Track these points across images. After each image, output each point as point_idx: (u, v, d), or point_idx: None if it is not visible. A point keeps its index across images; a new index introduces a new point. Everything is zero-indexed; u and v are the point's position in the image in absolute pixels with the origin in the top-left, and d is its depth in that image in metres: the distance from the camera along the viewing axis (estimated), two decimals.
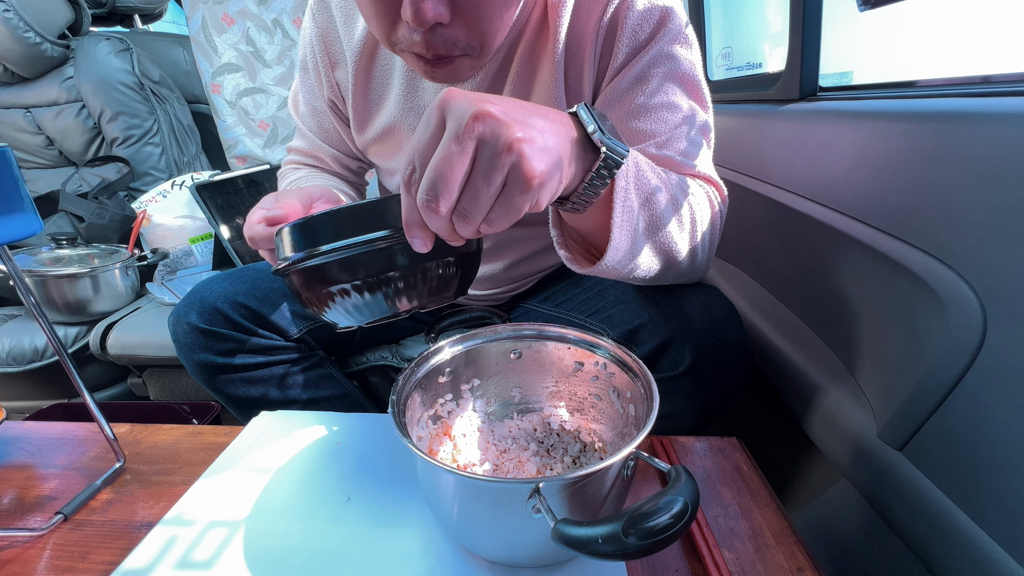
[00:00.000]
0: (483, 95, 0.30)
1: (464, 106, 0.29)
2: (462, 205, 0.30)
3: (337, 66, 0.64)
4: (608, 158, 0.35)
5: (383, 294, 0.37)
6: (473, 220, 0.31)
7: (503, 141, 0.29)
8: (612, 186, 0.39)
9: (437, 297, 0.39)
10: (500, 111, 0.29)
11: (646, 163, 0.42)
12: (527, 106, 0.32)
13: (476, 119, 0.29)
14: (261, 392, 0.66)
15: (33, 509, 0.47)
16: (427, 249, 0.33)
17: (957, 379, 0.40)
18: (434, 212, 0.30)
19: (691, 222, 0.47)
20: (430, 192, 0.30)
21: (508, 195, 0.31)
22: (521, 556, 0.38)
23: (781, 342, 0.67)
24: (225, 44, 1.40)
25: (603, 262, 0.41)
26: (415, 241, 0.33)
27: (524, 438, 0.49)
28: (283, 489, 0.47)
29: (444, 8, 0.40)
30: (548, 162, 0.31)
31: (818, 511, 0.60)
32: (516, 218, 0.32)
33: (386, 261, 0.35)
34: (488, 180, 0.30)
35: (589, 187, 0.36)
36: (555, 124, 0.33)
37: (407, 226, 0.33)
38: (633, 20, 0.51)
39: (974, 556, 0.37)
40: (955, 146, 0.42)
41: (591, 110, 0.35)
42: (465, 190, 0.30)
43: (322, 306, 0.38)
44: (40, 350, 1.09)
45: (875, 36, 0.76)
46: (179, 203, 1.29)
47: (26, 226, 0.39)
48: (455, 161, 0.29)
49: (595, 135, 0.34)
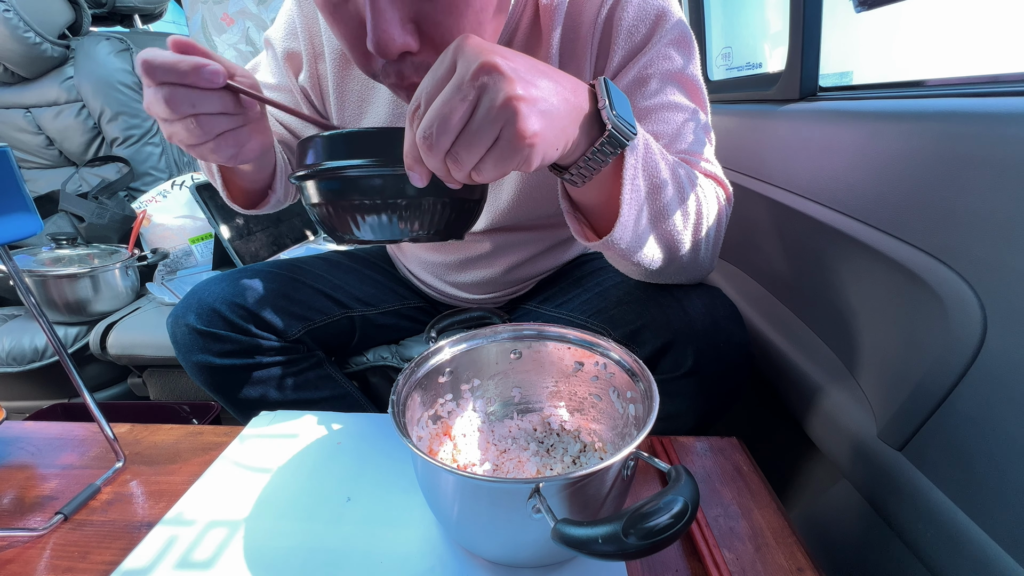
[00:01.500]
0: (498, 47, 0.31)
1: (474, 54, 0.30)
2: (455, 149, 0.31)
3: (319, 59, 0.63)
4: (613, 136, 0.35)
5: (387, 216, 0.39)
6: (464, 166, 0.32)
7: (502, 95, 0.29)
8: (621, 164, 0.39)
9: (437, 234, 0.41)
10: (508, 66, 0.30)
11: (657, 148, 0.42)
12: (539, 67, 0.32)
13: (482, 69, 0.29)
14: (260, 393, 0.66)
15: (33, 509, 0.47)
16: (423, 184, 0.34)
17: (957, 379, 0.40)
18: (429, 150, 0.31)
19: (697, 213, 0.46)
20: (427, 130, 0.31)
21: (499, 149, 0.31)
22: (521, 556, 0.38)
23: (781, 342, 0.67)
24: (225, 44, 1.40)
25: (610, 236, 0.41)
26: (412, 175, 0.34)
27: (524, 438, 0.49)
28: (283, 489, 0.47)
29: (410, 36, 0.38)
30: (544, 124, 0.31)
31: (818, 511, 0.60)
32: (504, 172, 0.32)
33: (384, 188, 0.38)
34: (482, 131, 0.30)
35: (591, 160, 0.36)
36: (564, 89, 0.33)
37: (407, 159, 0.34)
38: (629, 20, 0.51)
39: (974, 556, 0.37)
40: (955, 146, 0.42)
41: (610, 86, 0.35)
42: (460, 136, 0.31)
43: (327, 215, 0.40)
44: (40, 350, 1.09)
45: (875, 36, 0.76)
46: (179, 203, 1.29)
47: (26, 226, 0.39)
48: (455, 106, 0.30)
49: (604, 110, 0.34)
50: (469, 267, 0.72)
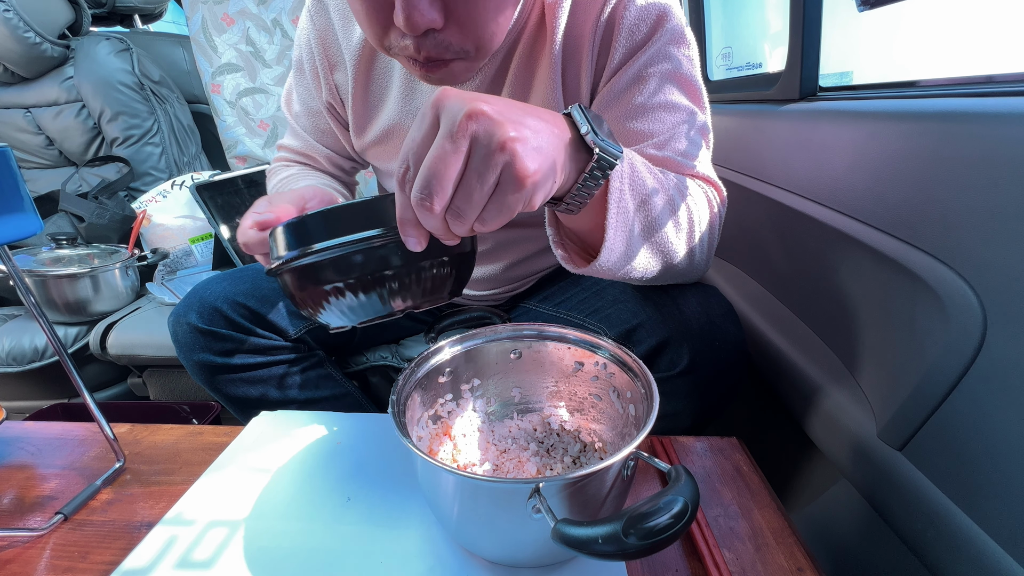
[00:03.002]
0: (477, 94, 0.30)
1: (458, 105, 0.29)
2: (456, 204, 0.31)
3: (336, 68, 0.64)
4: (601, 159, 0.35)
5: (377, 294, 0.36)
6: (467, 219, 0.31)
7: (496, 140, 0.29)
8: (607, 187, 0.39)
9: (432, 297, 0.39)
10: (494, 110, 0.29)
11: (643, 164, 0.42)
12: (520, 106, 0.32)
13: (470, 118, 0.29)
14: (261, 392, 0.66)
15: (33, 509, 0.47)
16: (421, 248, 0.33)
17: (957, 379, 0.40)
18: (428, 210, 0.30)
19: (688, 223, 0.46)
20: (424, 190, 0.30)
21: (501, 194, 0.31)
22: (521, 556, 0.38)
23: (781, 342, 0.67)
24: (225, 44, 1.40)
25: (597, 263, 0.41)
26: (409, 240, 0.33)
27: (524, 438, 0.49)
28: (283, 489, 0.47)
29: (437, 14, 0.40)
30: (541, 161, 0.31)
31: (818, 511, 0.60)
32: (509, 217, 0.32)
33: (380, 260, 0.35)
34: (481, 179, 0.30)
35: (583, 188, 0.36)
36: (548, 124, 0.33)
37: (401, 224, 0.33)
38: (630, 20, 0.51)
39: (974, 556, 0.37)
40: (955, 146, 0.42)
41: (585, 111, 0.35)
42: (459, 189, 0.30)
43: (316, 306, 0.38)
44: (40, 350, 1.09)
45: (875, 36, 0.76)
46: (179, 203, 1.29)
47: (26, 226, 0.39)
48: (449, 160, 0.29)
49: (588, 136, 0.34)
50: None
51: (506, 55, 0.56)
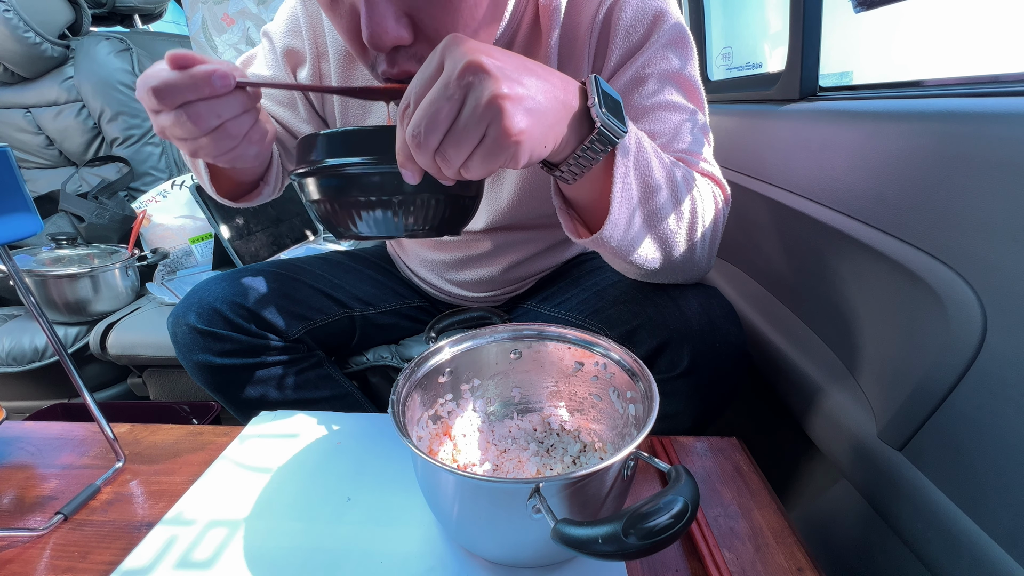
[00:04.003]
0: (486, 45, 0.31)
1: (461, 53, 0.30)
2: (443, 147, 0.32)
3: (323, 58, 0.63)
4: (602, 133, 0.35)
5: (381, 212, 0.40)
6: (452, 163, 0.32)
7: (488, 94, 0.30)
8: (612, 162, 0.39)
9: (434, 230, 0.42)
10: (493, 64, 0.30)
11: (651, 147, 0.42)
12: (528, 64, 0.33)
13: (467, 68, 0.30)
14: (260, 392, 0.66)
15: (33, 509, 0.47)
16: (415, 181, 0.35)
17: (957, 379, 0.40)
18: (419, 149, 0.32)
19: (692, 213, 0.46)
20: (416, 129, 0.31)
21: (485, 148, 0.31)
22: (521, 556, 0.38)
23: (781, 342, 0.67)
24: (225, 44, 1.40)
25: (600, 233, 0.41)
26: (405, 172, 0.34)
27: (524, 438, 0.49)
28: (283, 489, 0.47)
29: (404, 30, 0.39)
30: (530, 122, 0.31)
31: (818, 511, 0.60)
32: (492, 170, 0.33)
33: (388, 184, 0.38)
34: (467, 129, 0.30)
35: (580, 157, 0.36)
36: (552, 87, 0.33)
37: (399, 157, 0.34)
38: (627, 21, 0.51)
39: (974, 556, 0.37)
40: (955, 146, 0.42)
41: (601, 84, 0.35)
42: (448, 134, 0.31)
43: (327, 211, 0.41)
44: (40, 350, 1.09)
45: (875, 36, 0.76)
46: (179, 203, 1.29)
47: (26, 226, 0.39)
48: (442, 105, 0.30)
49: (592, 108, 0.34)
50: (469, 265, 0.72)
51: None
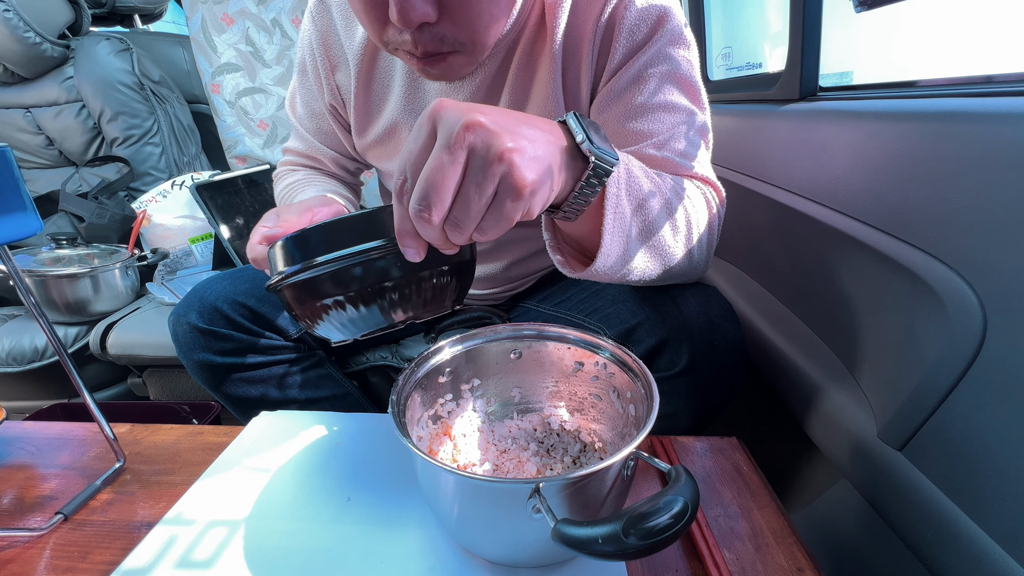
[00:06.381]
0: (474, 105, 0.31)
1: (455, 116, 0.29)
2: (454, 214, 0.30)
3: (338, 69, 0.64)
4: (597, 167, 0.35)
5: (378, 306, 0.36)
6: (465, 229, 0.31)
7: (494, 151, 0.29)
8: (603, 193, 0.39)
9: (433, 307, 0.39)
10: (490, 121, 0.29)
11: (639, 168, 0.42)
12: (517, 115, 0.32)
13: (467, 129, 0.29)
14: (261, 392, 0.66)
15: (33, 509, 0.47)
16: (420, 258, 0.33)
17: (957, 379, 0.40)
18: (426, 221, 0.30)
19: (687, 226, 0.46)
20: (422, 202, 0.30)
21: (499, 204, 0.31)
22: (521, 556, 0.38)
23: (781, 342, 0.67)
24: (225, 44, 1.40)
25: (593, 267, 0.41)
26: (408, 250, 0.33)
27: (524, 438, 0.49)
28: (283, 489, 0.47)
29: (431, 8, 0.41)
30: (539, 171, 0.31)
31: (818, 511, 0.60)
32: (508, 226, 0.32)
33: (380, 272, 0.35)
34: (479, 189, 0.30)
35: (579, 195, 0.36)
36: (545, 133, 0.33)
37: (400, 236, 0.33)
38: (631, 20, 0.51)
39: (974, 556, 0.37)
40: (955, 146, 0.42)
41: (580, 119, 0.35)
42: (457, 199, 0.30)
43: (315, 320, 0.38)
44: (40, 350, 1.09)
45: (875, 36, 0.76)
46: (179, 203, 1.29)
47: (26, 226, 0.39)
48: (446, 171, 0.29)
49: (583, 144, 0.34)
50: None
51: (506, 54, 0.56)
